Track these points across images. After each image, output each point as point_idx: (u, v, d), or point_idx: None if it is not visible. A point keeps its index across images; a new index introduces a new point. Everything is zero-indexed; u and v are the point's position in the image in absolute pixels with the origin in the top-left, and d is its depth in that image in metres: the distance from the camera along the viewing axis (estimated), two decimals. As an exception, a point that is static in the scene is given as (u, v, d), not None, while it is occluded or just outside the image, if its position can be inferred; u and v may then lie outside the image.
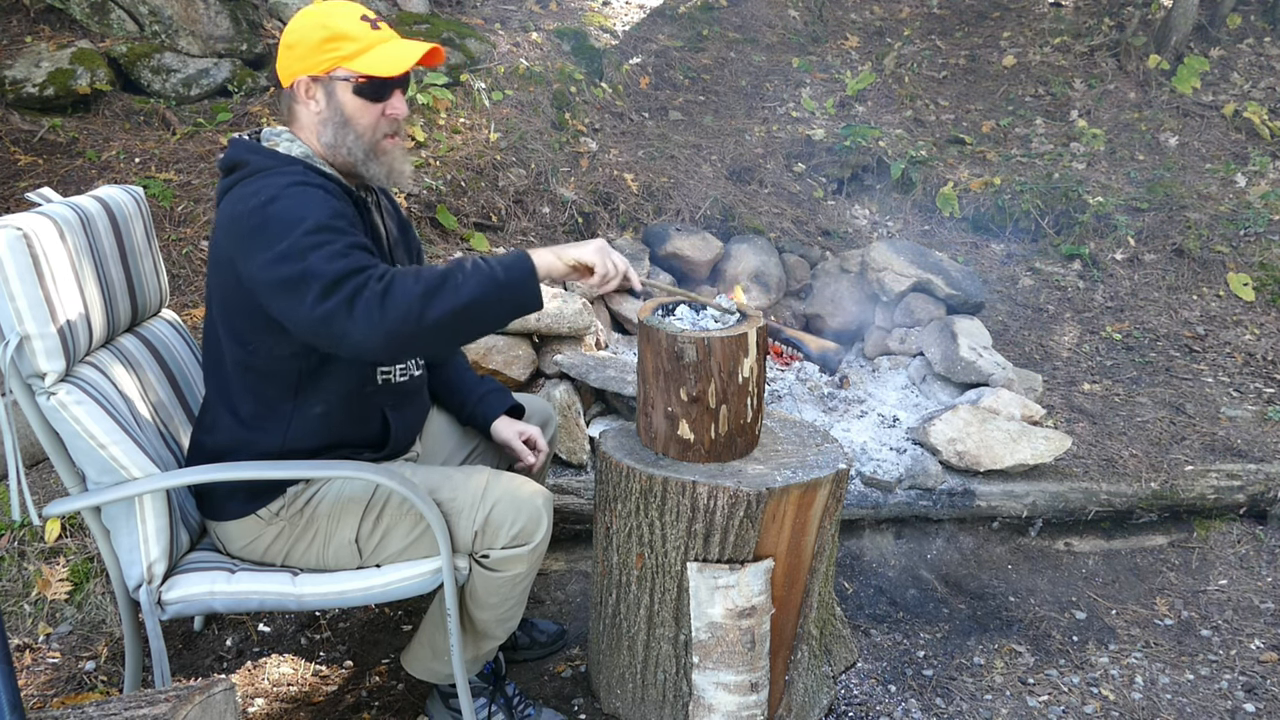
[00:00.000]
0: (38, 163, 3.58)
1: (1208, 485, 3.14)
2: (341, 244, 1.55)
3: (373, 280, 1.52)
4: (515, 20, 5.38)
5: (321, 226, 1.55)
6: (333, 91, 1.70)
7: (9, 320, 1.57)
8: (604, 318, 3.67)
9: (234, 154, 1.72)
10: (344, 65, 1.68)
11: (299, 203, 1.58)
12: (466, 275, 1.56)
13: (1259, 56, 6.31)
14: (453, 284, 1.54)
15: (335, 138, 1.72)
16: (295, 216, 1.56)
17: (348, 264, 1.52)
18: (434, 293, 1.53)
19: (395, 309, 1.51)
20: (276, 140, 1.76)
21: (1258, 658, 2.59)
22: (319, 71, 1.69)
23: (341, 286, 1.50)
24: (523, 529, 1.76)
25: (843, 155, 5.05)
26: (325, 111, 1.72)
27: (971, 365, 3.39)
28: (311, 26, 1.69)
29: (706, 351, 1.86)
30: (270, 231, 1.56)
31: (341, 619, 2.49)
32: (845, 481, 2.04)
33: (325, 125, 1.72)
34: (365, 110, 1.71)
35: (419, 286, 1.52)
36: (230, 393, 1.76)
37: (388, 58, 1.68)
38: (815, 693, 2.22)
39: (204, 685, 1.45)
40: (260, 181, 1.64)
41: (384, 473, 1.69)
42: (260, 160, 1.70)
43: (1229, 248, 4.71)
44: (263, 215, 1.57)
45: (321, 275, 1.51)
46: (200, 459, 1.79)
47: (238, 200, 1.64)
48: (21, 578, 2.31)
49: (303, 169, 1.68)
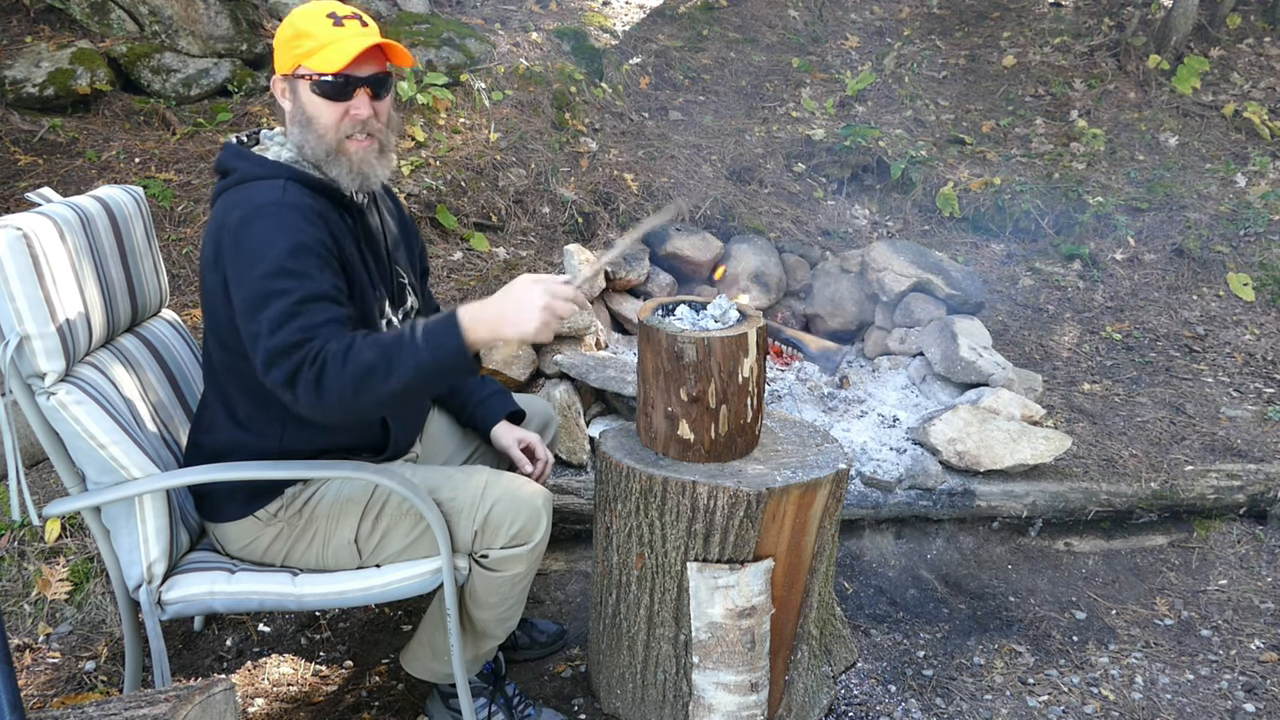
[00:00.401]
0: (38, 163, 3.58)
1: (1208, 485, 3.14)
2: (293, 299, 1.54)
3: (307, 363, 1.51)
4: (515, 20, 5.38)
5: (280, 269, 1.55)
6: (297, 90, 1.69)
7: (9, 320, 1.57)
8: (604, 318, 3.68)
9: (224, 159, 1.73)
10: (303, 63, 1.65)
11: (269, 230, 1.58)
12: (394, 361, 1.52)
13: (1259, 56, 6.31)
14: (381, 372, 1.52)
15: (301, 136, 1.70)
16: (261, 248, 1.56)
17: (288, 335, 1.52)
18: (362, 381, 1.51)
19: (329, 394, 1.52)
20: (268, 144, 1.76)
21: (1258, 658, 2.59)
22: (286, 70, 1.69)
23: (280, 363, 1.52)
24: (522, 529, 1.76)
25: (843, 155, 5.05)
26: (293, 111, 1.71)
27: (971, 365, 3.39)
28: (285, 24, 1.69)
29: (706, 351, 1.86)
30: (241, 258, 1.58)
31: (341, 619, 2.49)
32: (845, 481, 2.04)
33: (293, 124, 1.71)
34: (326, 109, 1.67)
35: (347, 375, 1.51)
36: (226, 394, 1.76)
37: (333, 54, 1.63)
38: (815, 693, 2.22)
39: (204, 685, 1.45)
40: (243, 193, 1.65)
41: (383, 473, 1.69)
42: (247, 168, 1.69)
43: (1229, 248, 4.71)
44: (237, 237, 1.59)
45: (266, 343, 1.53)
46: (198, 459, 1.79)
47: (224, 210, 1.65)
48: (21, 578, 2.31)
49: (285, 181, 1.66)
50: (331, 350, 1.52)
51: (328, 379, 1.51)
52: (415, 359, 1.52)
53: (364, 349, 1.52)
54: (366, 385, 1.52)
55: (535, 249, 3.95)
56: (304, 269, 1.57)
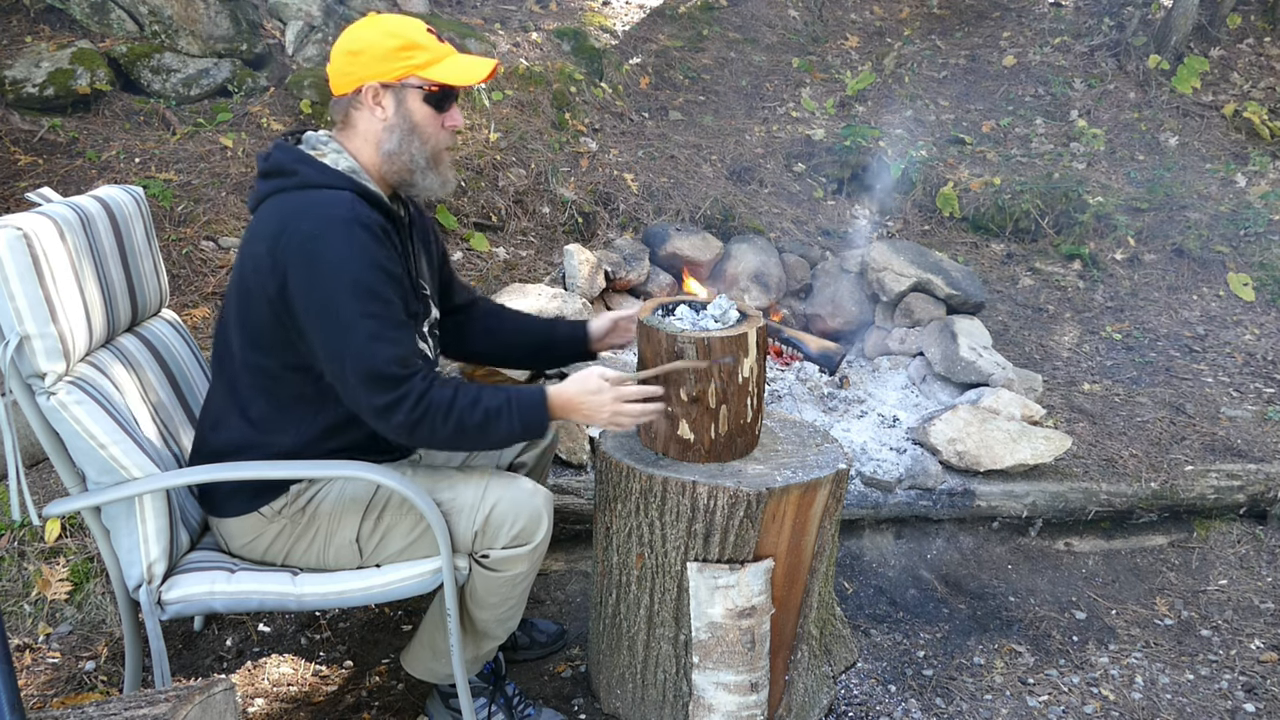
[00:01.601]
0: (38, 163, 3.58)
1: (1208, 485, 3.14)
2: (383, 323, 1.61)
3: (410, 402, 1.61)
4: (515, 20, 5.38)
5: (365, 290, 1.60)
6: (403, 99, 1.71)
7: (9, 320, 1.57)
8: (604, 318, 3.67)
9: (281, 159, 1.70)
10: (417, 74, 1.69)
11: (346, 247, 1.60)
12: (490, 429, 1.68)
13: (1259, 56, 6.31)
14: (474, 436, 1.69)
15: (400, 145, 1.72)
16: (339, 265, 1.59)
17: (387, 366, 1.60)
18: (457, 438, 1.68)
19: (420, 437, 1.66)
20: (323, 150, 1.73)
21: (1258, 658, 2.59)
22: (390, 78, 1.69)
23: (379, 391, 1.61)
24: (523, 529, 1.76)
25: (843, 155, 5.05)
26: (392, 119, 1.72)
27: (971, 365, 3.39)
28: (381, 35, 1.69)
29: (707, 351, 1.86)
30: (317, 271, 1.59)
31: (341, 619, 2.49)
32: (845, 481, 2.04)
33: (390, 132, 1.72)
34: (431, 119, 1.73)
35: (447, 429, 1.65)
36: (239, 392, 1.75)
37: (462, 68, 1.72)
38: (815, 693, 2.22)
39: (204, 685, 1.45)
40: (308, 201, 1.64)
41: (384, 472, 1.69)
42: (310, 174, 1.68)
43: (1229, 248, 4.71)
44: (309, 249, 1.59)
45: (364, 365, 1.60)
46: (205, 455, 1.78)
47: (285, 215, 1.63)
48: (21, 578, 2.31)
49: (351, 196, 1.66)
50: (435, 399, 1.63)
51: (426, 427, 1.64)
52: (510, 430, 1.71)
53: (468, 411, 1.66)
54: (459, 441, 1.70)
55: (535, 249, 3.95)
56: (385, 292, 1.62)
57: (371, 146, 1.74)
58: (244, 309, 1.69)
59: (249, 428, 1.74)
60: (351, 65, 1.70)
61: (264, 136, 4.06)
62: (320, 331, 1.61)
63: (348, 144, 1.75)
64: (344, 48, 1.71)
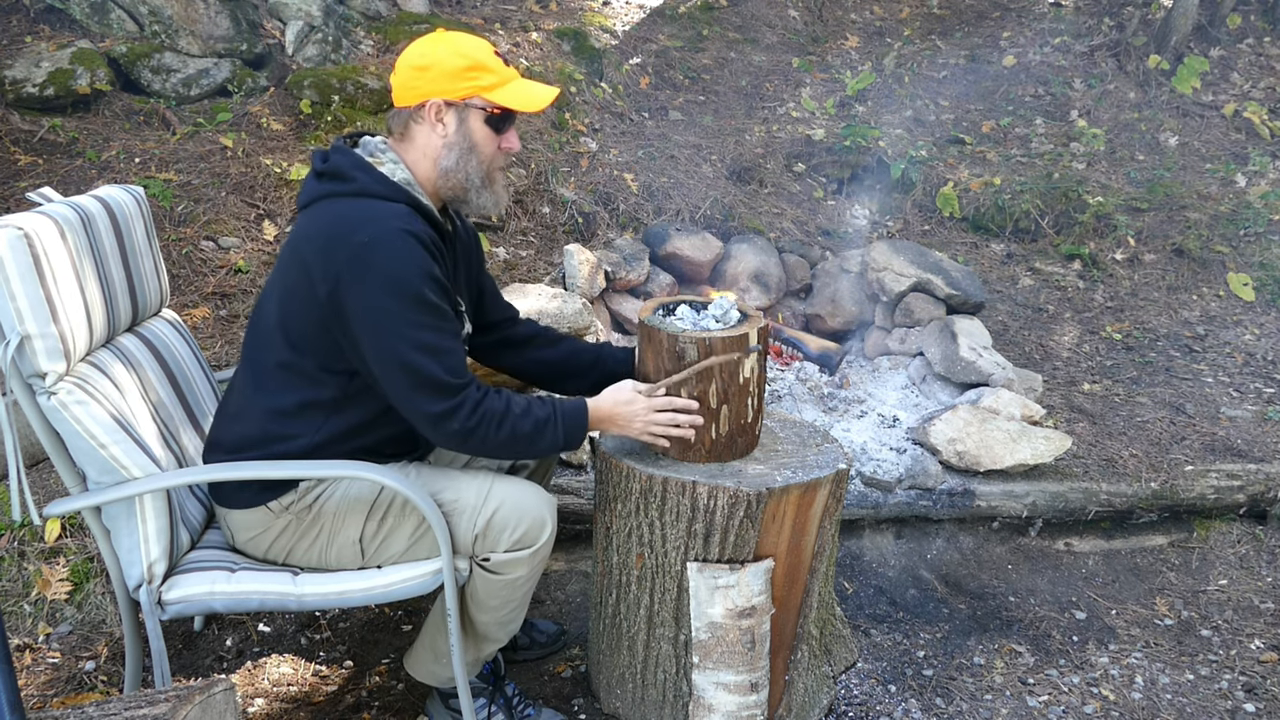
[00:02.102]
0: (38, 163, 3.58)
1: (1208, 485, 3.14)
2: (440, 335, 1.65)
3: (465, 410, 1.66)
4: (515, 20, 5.38)
5: (424, 300, 1.63)
6: (466, 118, 1.74)
7: (10, 320, 1.57)
8: (604, 318, 3.68)
9: (341, 164, 1.72)
10: (481, 95, 1.72)
11: (402, 258, 1.62)
12: (538, 439, 1.75)
13: (1259, 56, 6.31)
14: (525, 444, 1.74)
15: (457, 163, 1.75)
16: (396, 276, 1.61)
17: (446, 375, 1.64)
18: (508, 446, 1.73)
19: (473, 444, 1.71)
20: (381, 158, 1.75)
21: (1258, 658, 2.59)
22: (455, 97, 1.72)
23: (436, 399, 1.65)
24: (525, 534, 1.76)
25: (843, 155, 5.05)
26: (453, 137, 1.74)
27: (971, 365, 3.39)
28: (450, 53, 1.71)
29: (708, 352, 1.86)
30: (373, 280, 1.60)
31: (341, 619, 2.49)
32: (845, 481, 2.04)
33: (450, 150, 1.74)
34: (490, 140, 1.77)
35: (500, 437, 1.70)
36: (266, 387, 1.75)
37: (526, 94, 1.76)
38: (815, 693, 2.22)
39: (204, 685, 1.45)
40: (365, 209, 1.66)
41: (386, 473, 1.69)
42: (368, 182, 1.70)
43: (1229, 248, 4.71)
44: (365, 257, 1.60)
45: (423, 373, 1.63)
46: (223, 446, 1.79)
47: (339, 222, 1.64)
48: (21, 578, 2.31)
49: (407, 209, 1.68)
50: (490, 408, 1.68)
51: (480, 434, 1.68)
52: (554, 440, 1.77)
53: (519, 420, 1.72)
54: (510, 449, 1.75)
55: (535, 249, 3.95)
56: (439, 303, 1.65)
57: (429, 161, 1.76)
58: (286, 308, 1.70)
59: (270, 423, 1.75)
60: (417, 80, 1.72)
61: (264, 136, 4.06)
62: (374, 339, 1.63)
63: (405, 155, 1.77)
64: (411, 62, 1.73)
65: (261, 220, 3.69)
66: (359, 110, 4.29)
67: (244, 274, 3.45)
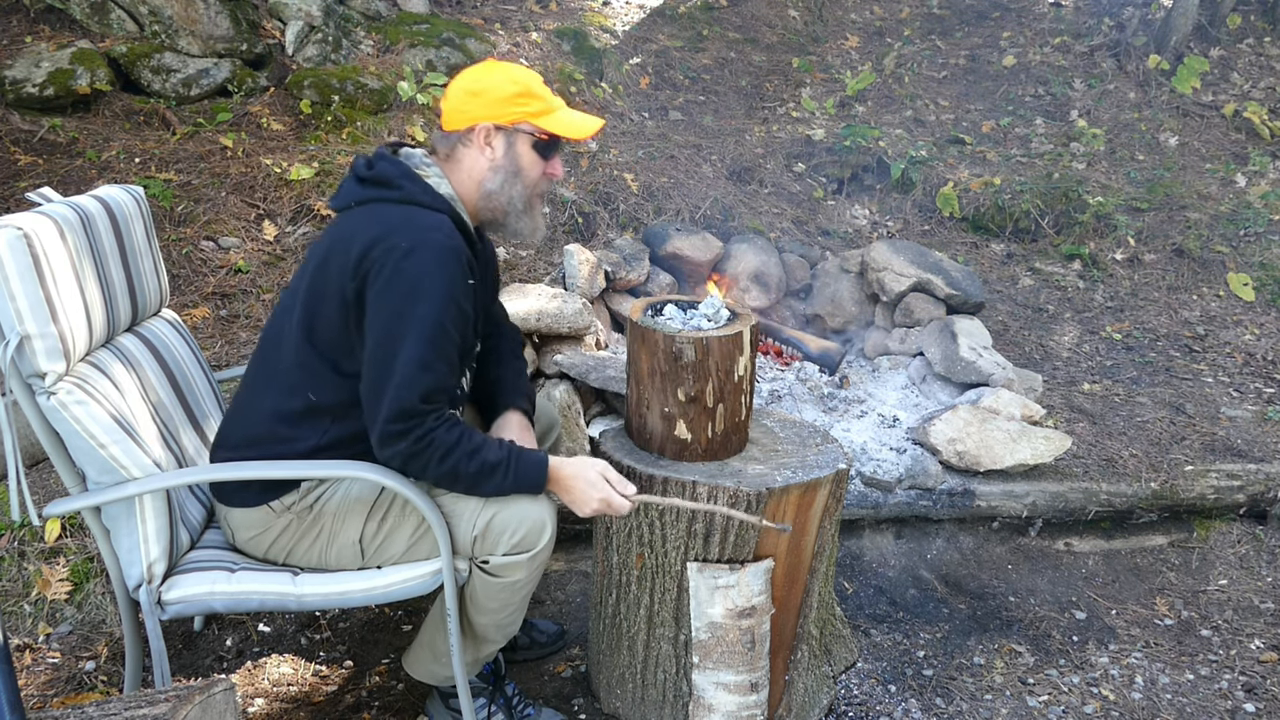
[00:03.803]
0: (38, 163, 3.58)
1: (1208, 485, 3.14)
2: (441, 358, 1.65)
3: (413, 437, 1.63)
4: (515, 20, 5.38)
5: (437, 319, 1.63)
6: (514, 142, 1.79)
7: (9, 320, 1.57)
8: (604, 318, 3.68)
9: (388, 171, 1.74)
10: (530, 120, 1.78)
11: (435, 271, 1.63)
12: (482, 482, 1.70)
13: (1259, 56, 6.31)
14: (465, 484, 1.70)
15: (502, 186, 1.80)
16: (423, 286, 1.62)
17: (418, 399, 1.62)
18: (449, 481, 1.70)
19: (413, 471, 1.68)
20: (426, 171, 1.78)
21: (1258, 658, 2.59)
22: (505, 121, 1.77)
23: (397, 417, 1.62)
24: (524, 538, 1.76)
25: (843, 155, 5.05)
26: (500, 160, 1.79)
27: (971, 365, 3.39)
28: (503, 80, 1.77)
29: (705, 351, 1.86)
30: (399, 284, 1.62)
31: (341, 619, 2.49)
32: (845, 481, 2.04)
33: (496, 173, 1.79)
34: (536, 165, 1.81)
35: (440, 470, 1.67)
36: (280, 386, 1.76)
37: (573, 122, 1.81)
38: (815, 693, 2.22)
39: (204, 685, 1.45)
40: (408, 215, 1.68)
41: (387, 473, 1.69)
42: (415, 191, 1.73)
43: (1229, 248, 4.71)
44: (400, 264, 1.62)
45: (403, 387, 1.62)
46: (228, 444, 1.79)
47: (383, 225, 1.66)
48: (21, 578, 2.31)
49: (450, 223, 1.70)
50: (439, 439, 1.65)
51: (420, 461, 1.65)
52: (501, 486, 1.72)
53: (465, 459, 1.67)
54: (449, 483, 1.71)
55: (535, 249, 3.95)
56: (451, 328, 1.66)
57: (473, 183, 1.81)
58: (313, 306, 1.71)
59: (277, 424, 1.75)
60: (469, 104, 1.77)
61: (264, 136, 4.06)
62: (377, 337, 1.64)
63: (449, 175, 1.81)
64: (464, 87, 1.79)
65: (261, 220, 3.69)
66: (359, 110, 4.29)
67: (244, 274, 3.45)
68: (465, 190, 1.81)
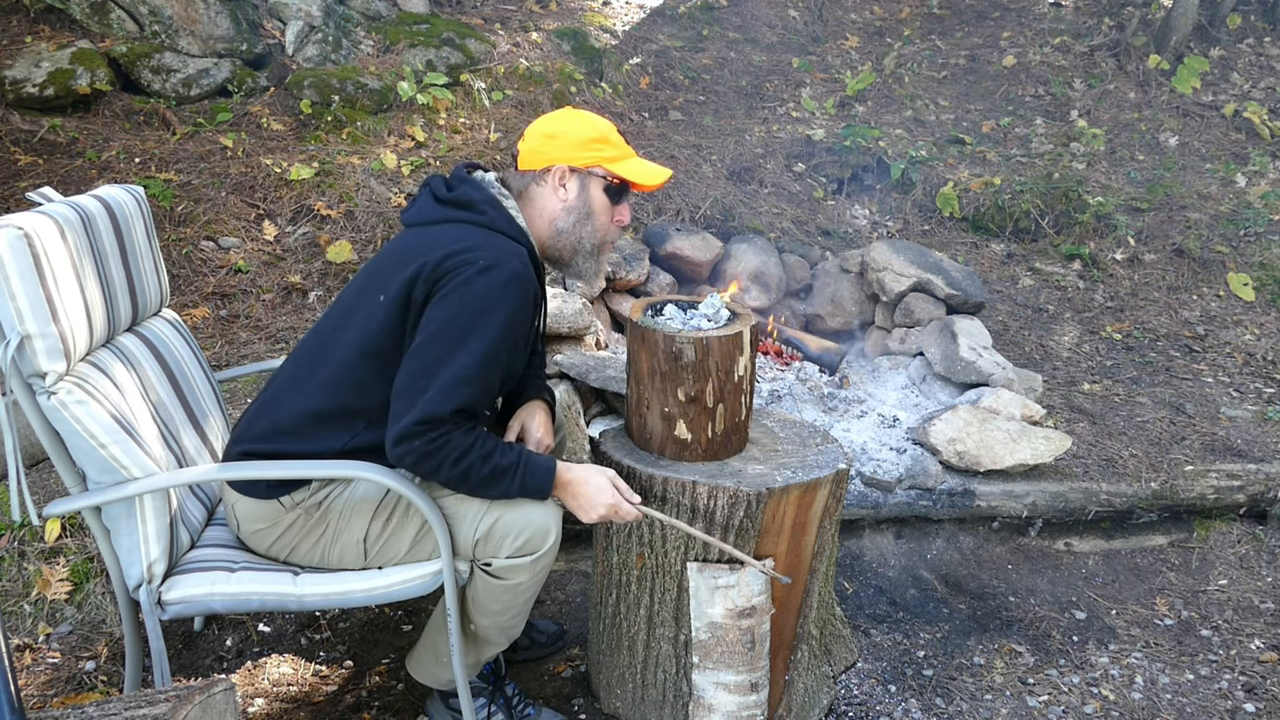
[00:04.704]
0: (38, 163, 3.58)
1: (1208, 485, 3.14)
2: (481, 379, 1.66)
3: (428, 437, 1.63)
4: (515, 20, 5.38)
5: (490, 343, 1.65)
6: (587, 185, 1.85)
7: (10, 320, 1.57)
8: (604, 317, 3.68)
9: (470, 195, 1.78)
10: (604, 165, 1.84)
11: (501, 297, 1.66)
12: (491, 484, 1.70)
13: (1259, 56, 6.31)
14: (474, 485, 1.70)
15: (574, 226, 1.85)
16: (487, 307, 1.65)
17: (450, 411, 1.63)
18: (457, 483, 1.69)
19: (423, 471, 1.67)
20: (504, 199, 1.82)
21: (1258, 658, 2.59)
22: (580, 164, 1.83)
23: (422, 421, 1.63)
24: (527, 541, 1.76)
25: (843, 155, 5.05)
26: (573, 201, 1.85)
27: (971, 365, 3.39)
28: (580, 125, 1.84)
29: (705, 351, 1.86)
30: (465, 297, 1.64)
31: (341, 619, 2.49)
32: (845, 481, 2.04)
33: (569, 213, 1.85)
34: (606, 209, 1.87)
35: (451, 472, 1.67)
36: (316, 384, 1.77)
37: (644, 170, 1.87)
38: (815, 693, 2.22)
39: (204, 685, 1.45)
40: (492, 240, 1.72)
41: (391, 475, 1.69)
42: (498, 218, 1.78)
43: (1229, 248, 4.71)
44: (471, 279, 1.64)
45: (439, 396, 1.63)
46: (250, 435, 1.79)
47: (469, 242, 1.69)
48: (21, 578, 2.31)
49: (526, 255, 1.74)
50: (454, 442, 1.65)
51: (433, 462, 1.66)
52: (509, 490, 1.73)
53: (478, 463, 1.68)
54: (458, 486, 1.71)
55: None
56: (501, 355, 1.69)
57: (545, 221, 1.86)
58: (370, 309, 1.72)
59: (310, 421, 1.76)
60: (546, 146, 1.83)
61: (264, 136, 4.06)
62: (430, 337, 1.65)
63: (524, 210, 1.85)
64: (542, 130, 1.85)
65: (261, 220, 3.69)
66: (359, 110, 4.29)
67: (244, 274, 3.45)
68: (536, 227, 1.86)
